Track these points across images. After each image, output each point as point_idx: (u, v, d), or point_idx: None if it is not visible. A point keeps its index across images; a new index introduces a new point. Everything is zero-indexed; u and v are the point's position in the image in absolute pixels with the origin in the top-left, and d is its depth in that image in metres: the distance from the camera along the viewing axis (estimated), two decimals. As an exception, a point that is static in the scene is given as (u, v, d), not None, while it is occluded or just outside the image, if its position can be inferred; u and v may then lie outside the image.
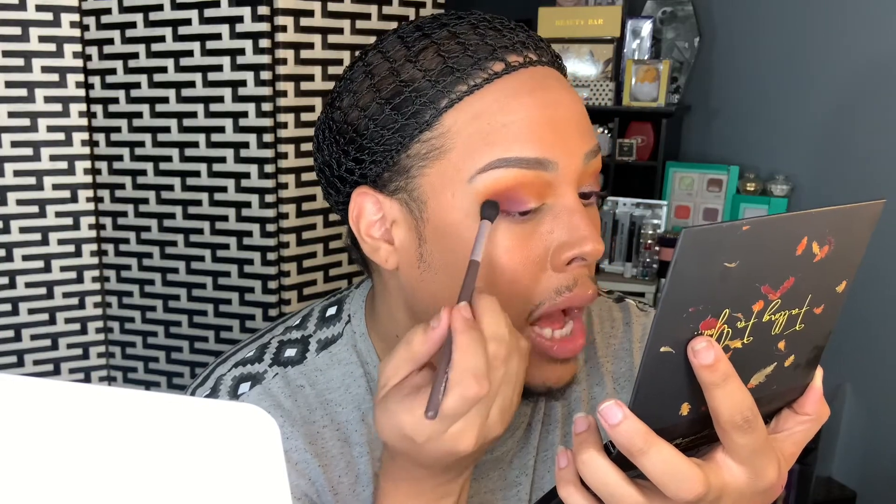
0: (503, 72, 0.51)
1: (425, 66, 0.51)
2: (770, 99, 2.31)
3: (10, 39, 1.46)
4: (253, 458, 0.29)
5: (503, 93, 0.51)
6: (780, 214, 0.36)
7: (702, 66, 2.41)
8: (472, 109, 0.51)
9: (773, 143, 2.31)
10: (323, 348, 0.62)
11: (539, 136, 0.50)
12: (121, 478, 0.29)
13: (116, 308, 1.63)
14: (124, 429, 0.28)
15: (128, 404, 0.28)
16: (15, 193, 1.52)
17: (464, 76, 0.51)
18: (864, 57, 2.12)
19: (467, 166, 0.51)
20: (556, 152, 0.50)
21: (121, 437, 0.28)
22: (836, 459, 2.24)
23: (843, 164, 2.19)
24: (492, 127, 0.50)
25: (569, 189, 0.51)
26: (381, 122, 0.52)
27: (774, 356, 0.40)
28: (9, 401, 0.28)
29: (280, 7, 1.39)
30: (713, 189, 2.30)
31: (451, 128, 0.51)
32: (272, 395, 0.60)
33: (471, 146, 0.50)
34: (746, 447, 0.40)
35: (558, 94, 0.52)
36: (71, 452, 0.28)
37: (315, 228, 1.52)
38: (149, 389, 1.62)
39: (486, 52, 0.51)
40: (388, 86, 0.52)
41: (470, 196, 0.51)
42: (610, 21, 2.36)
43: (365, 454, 0.60)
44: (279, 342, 0.63)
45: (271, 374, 0.61)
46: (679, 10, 2.43)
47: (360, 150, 0.54)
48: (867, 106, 2.13)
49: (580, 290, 0.53)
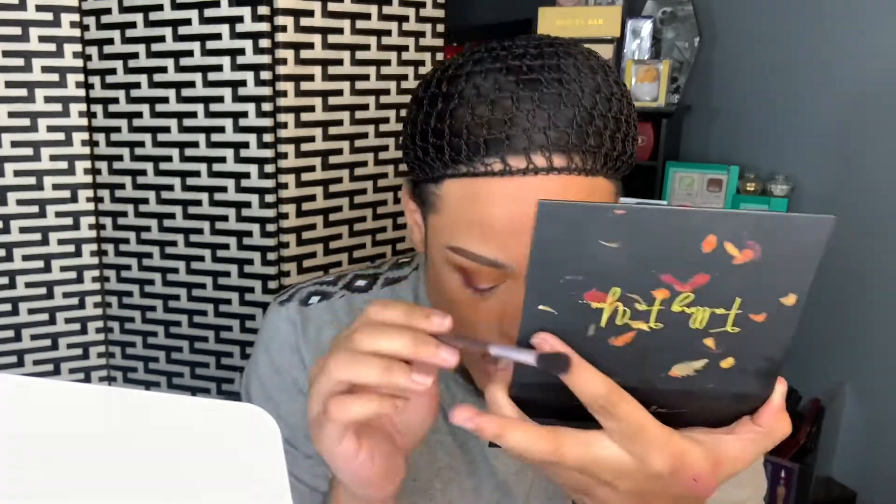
0: (500, 172, 0.52)
1: (453, 126, 0.53)
2: (770, 99, 2.31)
3: (10, 39, 1.46)
4: (253, 458, 0.29)
5: (488, 192, 0.53)
6: (670, 206, 0.37)
7: (702, 66, 2.41)
8: (464, 190, 0.54)
9: (773, 143, 2.31)
10: (388, 284, 0.73)
11: (500, 244, 0.53)
12: (121, 477, 0.29)
13: (116, 308, 1.63)
14: (124, 429, 0.28)
15: (128, 404, 0.28)
16: (15, 193, 1.52)
17: (469, 157, 0.53)
18: (864, 57, 2.12)
19: (445, 235, 0.56)
20: (510, 258, 0.53)
21: (121, 437, 0.28)
22: (836, 459, 2.24)
23: (843, 164, 2.19)
24: (468, 216, 0.54)
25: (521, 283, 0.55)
26: (415, 150, 0.57)
27: (703, 352, 0.41)
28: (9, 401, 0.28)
29: (280, 7, 1.39)
30: (713, 189, 2.30)
31: (447, 194, 0.56)
32: (334, 309, 0.71)
33: (451, 221, 0.55)
34: (616, 431, 0.42)
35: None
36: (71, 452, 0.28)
37: (315, 228, 1.52)
38: (149, 389, 1.62)
39: (495, 145, 0.52)
40: (428, 121, 0.55)
41: (441, 256, 0.57)
42: (610, 21, 2.36)
43: None
44: (355, 275, 0.75)
45: (339, 295, 0.72)
46: (679, 10, 2.43)
47: (409, 146, 0.59)
48: (867, 106, 2.13)
49: None
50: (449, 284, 0.57)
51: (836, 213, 0.38)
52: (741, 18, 2.35)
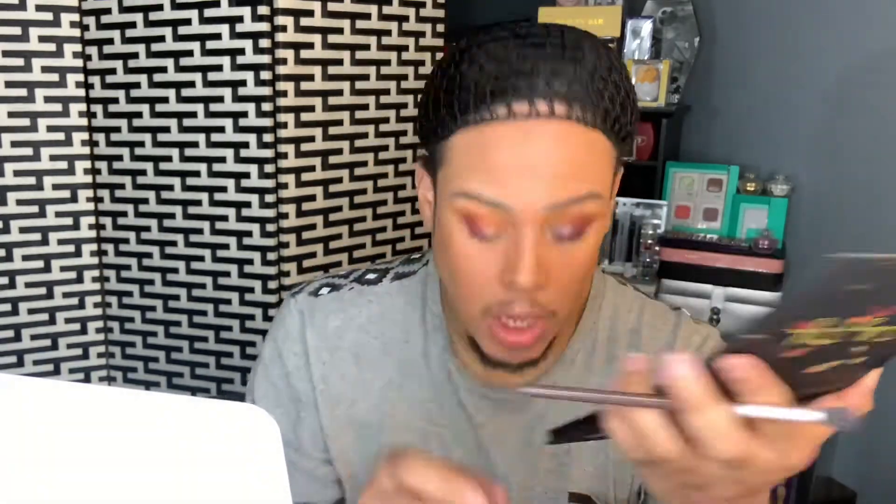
0: (504, 117, 0.56)
1: (462, 81, 0.57)
2: (770, 99, 2.30)
3: (10, 39, 1.46)
4: (253, 458, 0.28)
5: (495, 135, 0.56)
6: None
7: (702, 66, 2.41)
8: (469, 137, 0.58)
9: (773, 143, 2.31)
10: (397, 279, 0.76)
11: (503, 186, 0.56)
12: (121, 477, 0.29)
13: (116, 308, 1.62)
14: (124, 429, 0.28)
15: (128, 404, 0.28)
16: (15, 193, 1.52)
17: (476, 106, 0.56)
18: (864, 57, 2.12)
19: (452, 184, 0.59)
20: (512, 200, 0.56)
21: (121, 437, 0.28)
22: (836, 459, 2.23)
23: (843, 165, 2.18)
24: (472, 161, 0.58)
25: (525, 229, 0.57)
26: (427, 111, 0.61)
27: (848, 354, 0.41)
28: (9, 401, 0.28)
29: (280, 7, 1.38)
30: (713, 189, 2.30)
31: (456, 145, 0.59)
32: (343, 300, 0.75)
33: (458, 168, 0.59)
34: (774, 433, 0.42)
35: (543, 151, 0.56)
36: (71, 452, 0.28)
37: (315, 228, 1.52)
38: (149, 389, 1.62)
39: (500, 92, 0.55)
40: (440, 81, 0.59)
41: (450, 207, 0.60)
42: (610, 21, 2.36)
43: (399, 367, 0.73)
44: (367, 269, 0.78)
45: (348, 287, 0.76)
46: (679, 10, 2.43)
47: (423, 113, 0.62)
48: (868, 106, 2.13)
49: (518, 308, 0.60)
50: (455, 237, 0.60)
51: (835, 213, 0.39)
52: (741, 18, 2.35)
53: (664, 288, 2.16)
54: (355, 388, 0.73)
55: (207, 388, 1.59)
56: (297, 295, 0.76)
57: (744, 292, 2.09)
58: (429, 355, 0.73)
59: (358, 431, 0.73)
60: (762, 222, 2.21)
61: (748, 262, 2.09)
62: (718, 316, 2.11)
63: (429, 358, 0.73)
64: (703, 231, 2.27)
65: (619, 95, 0.58)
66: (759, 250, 2.09)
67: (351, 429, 0.74)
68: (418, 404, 0.73)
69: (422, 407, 0.73)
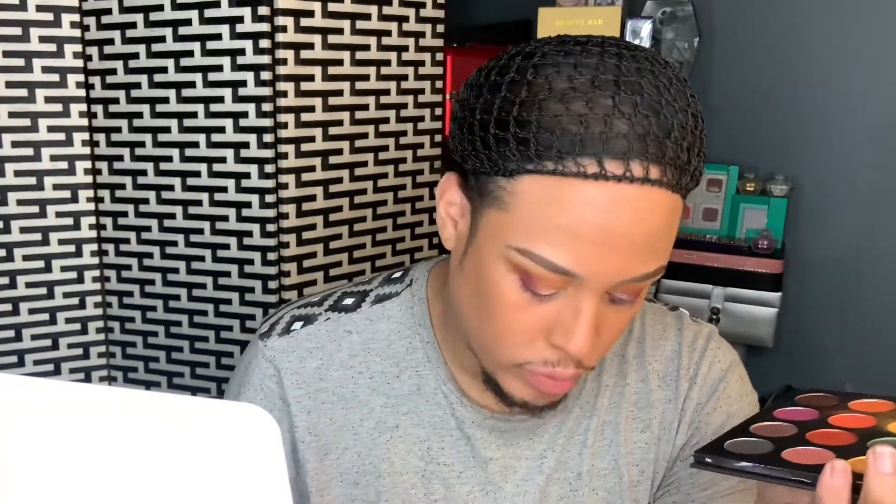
0: (593, 176, 0.48)
1: (541, 121, 0.49)
2: (770, 99, 2.30)
3: (11, 40, 1.47)
4: (253, 458, 0.29)
5: (576, 195, 0.49)
6: None
7: (702, 66, 2.41)
8: (546, 189, 0.50)
9: (772, 143, 2.31)
10: (378, 302, 0.68)
11: (578, 253, 0.50)
12: (121, 477, 0.29)
13: (117, 308, 1.63)
14: (124, 429, 0.28)
15: (128, 404, 0.29)
16: (15, 193, 1.52)
17: (559, 155, 0.49)
18: (864, 56, 2.12)
19: (512, 236, 0.52)
20: (586, 271, 0.50)
21: (121, 437, 0.28)
22: (835, 459, 2.23)
23: (843, 165, 2.18)
24: (546, 219, 0.50)
25: (588, 296, 0.52)
26: (485, 138, 0.52)
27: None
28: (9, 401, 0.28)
29: (280, 7, 1.39)
30: (713, 189, 2.30)
31: (523, 191, 0.51)
32: (318, 336, 0.66)
33: (524, 221, 0.51)
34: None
35: (628, 223, 0.49)
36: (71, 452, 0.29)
37: (315, 228, 1.52)
38: (149, 389, 1.62)
39: (591, 147, 0.48)
40: (509, 109, 0.51)
41: (502, 255, 0.53)
42: (610, 21, 2.36)
43: (390, 406, 0.66)
44: (342, 293, 0.70)
45: (324, 318, 0.67)
46: (679, 11, 2.43)
47: (472, 134, 0.54)
48: (868, 106, 2.13)
49: (562, 369, 0.55)
50: (501, 286, 0.53)
51: (836, 213, 0.39)
52: (741, 18, 2.35)
53: (664, 288, 2.16)
54: (343, 433, 0.66)
55: (207, 388, 1.59)
56: (265, 339, 0.67)
57: (743, 292, 2.09)
58: (423, 389, 0.66)
59: (349, 481, 0.66)
60: (762, 222, 2.21)
61: (748, 262, 2.09)
62: (718, 316, 2.11)
63: (424, 392, 0.66)
64: (702, 231, 2.27)
65: (702, 150, 0.53)
66: (759, 250, 2.09)
67: (341, 480, 0.66)
68: (416, 443, 0.66)
69: (420, 446, 0.66)
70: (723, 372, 0.71)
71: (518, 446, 0.67)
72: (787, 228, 2.21)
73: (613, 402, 0.70)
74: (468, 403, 0.65)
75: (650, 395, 0.70)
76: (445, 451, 0.66)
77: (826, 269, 2.23)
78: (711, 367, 0.70)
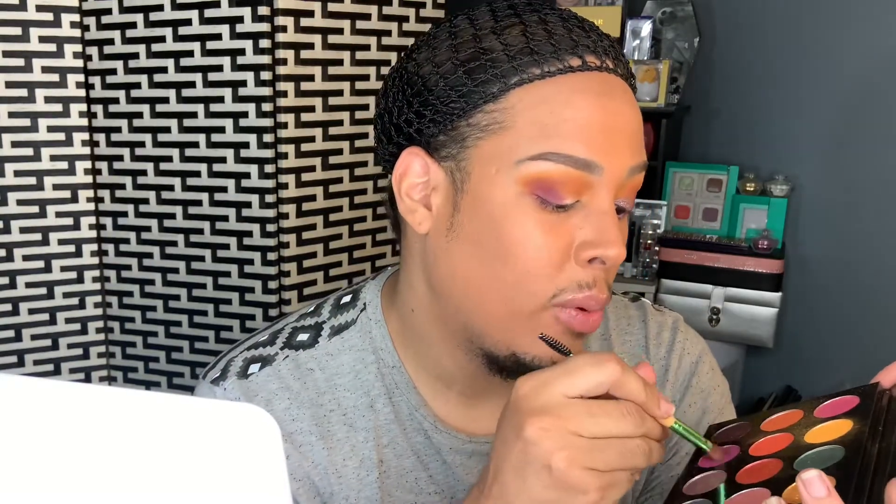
0: (578, 68, 0.52)
1: (507, 41, 0.52)
2: (770, 99, 2.31)
3: (11, 39, 1.47)
4: (253, 458, 0.29)
5: (572, 88, 0.51)
6: None
7: (702, 66, 2.41)
8: (539, 94, 0.51)
9: (773, 144, 2.31)
10: (335, 334, 0.63)
11: (594, 138, 0.51)
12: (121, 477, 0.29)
13: (117, 308, 1.63)
14: (124, 429, 0.28)
15: (128, 404, 0.28)
16: (15, 193, 1.52)
17: (540, 60, 0.52)
18: (864, 56, 2.12)
19: (520, 149, 0.51)
20: (605, 158, 0.51)
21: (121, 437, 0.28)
22: (836, 459, 2.23)
23: (843, 165, 2.18)
24: (553, 118, 0.51)
25: (607, 193, 0.52)
26: (451, 81, 0.53)
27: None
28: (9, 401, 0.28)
29: (280, 7, 1.39)
30: (713, 189, 2.30)
31: (515, 105, 0.52)
32: (281, 376, 0.61)
33: (529, 130, 0.51)
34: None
35: (622, 104, 0.53)
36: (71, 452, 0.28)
37: (315, 228, 1.52)
38: (149, 389, 1.62)
39: (567, 45, 0.52)
40: (467, 49, 0.53)
41: (512, 177, 0.52)
42: (610, 21, 2.36)
43: (371, 440, 0.61)
44: (292, 328, 0.64)
45: (282, 357, 0.62)
46: (679, 11, 2.43)
47: (424, 105, 0.54)
48: (868, 106, 2.13)
49: (597, 292, 0.53)
50: (517, 214, 0.52)
51: (836, 213, 0.39)
52: (741, 18, 2.35)
53: (664, 288, 2.16)
54: (328, 476, 0.60)
55: (207, 388, 1.59)
56: (221, 382, 0.61)
57: (743, 292, 2.09)
58: (400, 417, 0.62)
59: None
60: (762, 222, 2.21)
61: (748, 262, 2.09)
62: (718, 316, 2.11)
63: (401, 420, 0.62)
64: (702, 231, 2.27)
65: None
66: (759, 250, 2.09)
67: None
68: (404, 476, 0.62)
69: (408, 477, 0.62)
70: (693, 365, 0.69)
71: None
72: (787, 228, 2.21)
73: None
74: (443, 429, 0.62)
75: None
76: (434, 478, 0.63)
77: (826, 269, 2.23)
78: (681, 361, 0.68)
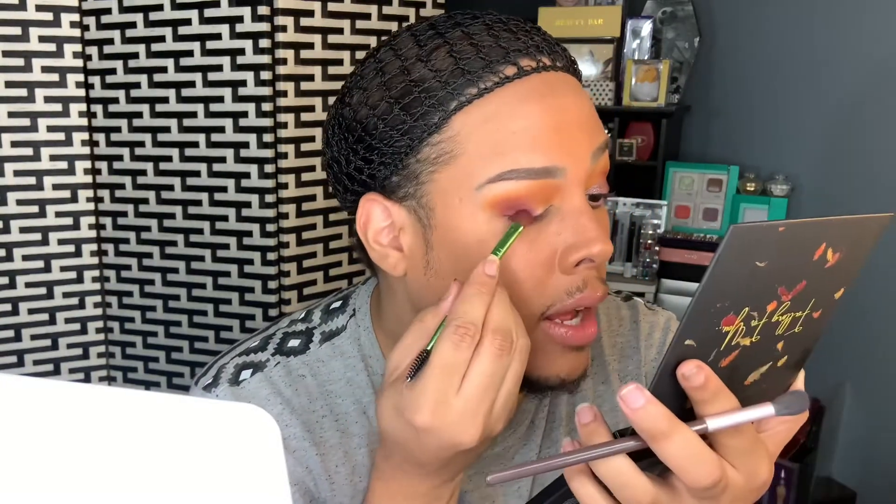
0: (514, 76, 0.50)
1: (436, 67, 0.50)
2: (770, 99, 2.31)
3: (10, 39, 1.47)
4: (253, 458, 0.29)
5: (514, 97, 0.50)
6: (810, 219, 0.36)
7: (702, 66, 2.41)
8: (481, 113, 0.50)
9: (773, 143, 2.31)
10: (326, 340, 0.63)
11: (548, 143, 0.49)
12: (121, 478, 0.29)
13: (116, 308, 1.63)
14: (124, 429, 0.28)
15: (128, 404, 0.28)
16: (15, 193, 1.52)
17: (474, 78, 0.50)
18: (865, 57, 2.12)
19: (476, 174, 0.50)
20: (563, 158, 0.50)
21: (121, 437, 0.28)
22: (836, 459, 2.23)
23: (843, 165, 2.19)
24: (501, 134, 0.49)
25: (577, 191, 0.51)
26: (389, 122, 0.51)
27: (772, 355, 0.41)
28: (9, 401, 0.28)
29: (280, 7, 1.39)
30: (713, 189, 2.30)
31: (460, 131, 0.50)
32: (273, 382, 0.60)
33: (480, 152, 0.50)
34: (738, 448, 0.40)
35: (567, 98, 0.51)
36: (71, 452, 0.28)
37: (315, 228, 1.52)
38: (149, 389, 1.62)
39: (498, 55, 0.50)
40: (398, 84, 0.51)
41: (477, 203, 0.50)
42: (610, 21, 2.36)
43: (363, 445, 0.61)
44: (283, 334, 0.64)
45: (273, 363, 0.62)
46: (679, 10, 2.43)
47: (369, 150, 0.52)
48: (868, 106, 2.13)
49: (590, 292, 0.52)
50: (491, 239, 0.51)
51: (836, 212, 0.39)
52: (741, 18, 2.35)
53: (664, 288, 2.16)
54: (321, 482, 0.60)
55: (207, 388, 1.59)
56: (213, 389, 0.60)
57: (744, 292, 2.09)
58: None
59: None
60: (762, 222, 2.21)
61: (748, 262, 2.09)
62: (718, 316, 2.11)
63: None
64: (702, 231, 2.27)
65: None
66: (759, 250, 2.09)
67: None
68: None
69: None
70: None
71: (491, 469, 0.62)
72: (787, 228, 2.21)
73: (576, 409, 0.64)
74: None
75: (614, 398, 0.65)
76: None
77: (826, 269, 2.23)
78: None
